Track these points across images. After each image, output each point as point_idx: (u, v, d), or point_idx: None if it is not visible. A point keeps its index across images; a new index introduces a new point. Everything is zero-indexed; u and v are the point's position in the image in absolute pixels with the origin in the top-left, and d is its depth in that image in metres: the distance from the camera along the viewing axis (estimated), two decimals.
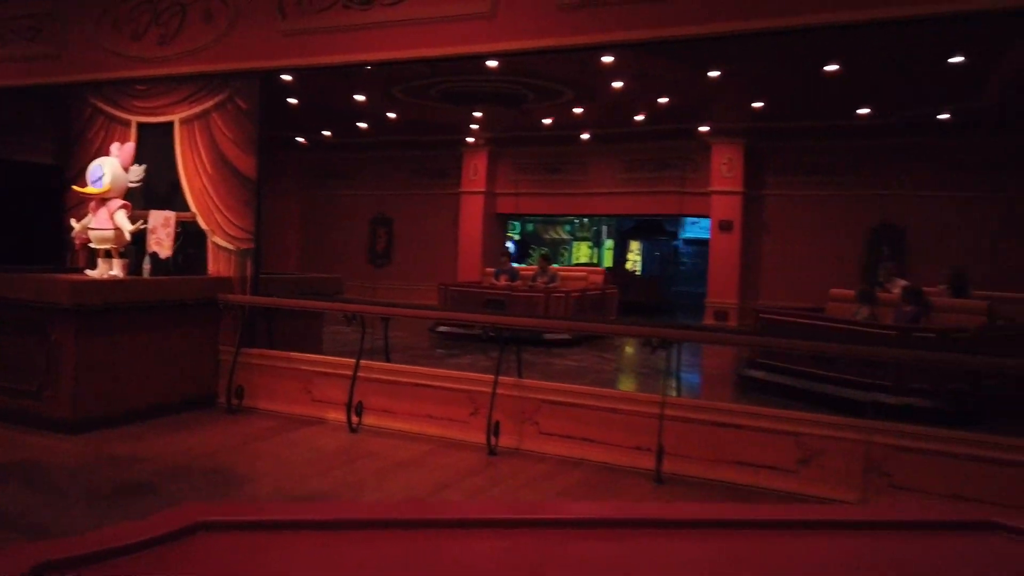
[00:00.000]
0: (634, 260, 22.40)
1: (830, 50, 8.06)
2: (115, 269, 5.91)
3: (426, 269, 16.69)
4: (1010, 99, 9.76)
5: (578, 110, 12.36)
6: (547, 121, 13.42)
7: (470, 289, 11.02)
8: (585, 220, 26.54)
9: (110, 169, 5.92)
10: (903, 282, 8.70)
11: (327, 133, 15.40)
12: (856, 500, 4.28)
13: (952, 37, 7.12)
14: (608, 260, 24.53)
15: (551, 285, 10.94)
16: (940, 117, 11.07)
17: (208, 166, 6.29)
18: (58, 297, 5.23)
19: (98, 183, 5.91)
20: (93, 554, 1.08)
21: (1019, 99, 9.84)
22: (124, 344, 5.58)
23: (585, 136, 14.76)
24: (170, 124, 6.48)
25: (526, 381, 5.48)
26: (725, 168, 14.44)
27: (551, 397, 5.31)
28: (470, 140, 15.99)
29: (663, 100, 11.49)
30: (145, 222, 6.06)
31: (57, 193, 7.22)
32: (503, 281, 11.32)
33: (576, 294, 10.74)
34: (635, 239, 21.99)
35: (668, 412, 4.82)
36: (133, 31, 6.52)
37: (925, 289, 7.51)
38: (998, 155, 12.06)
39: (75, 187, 6.10)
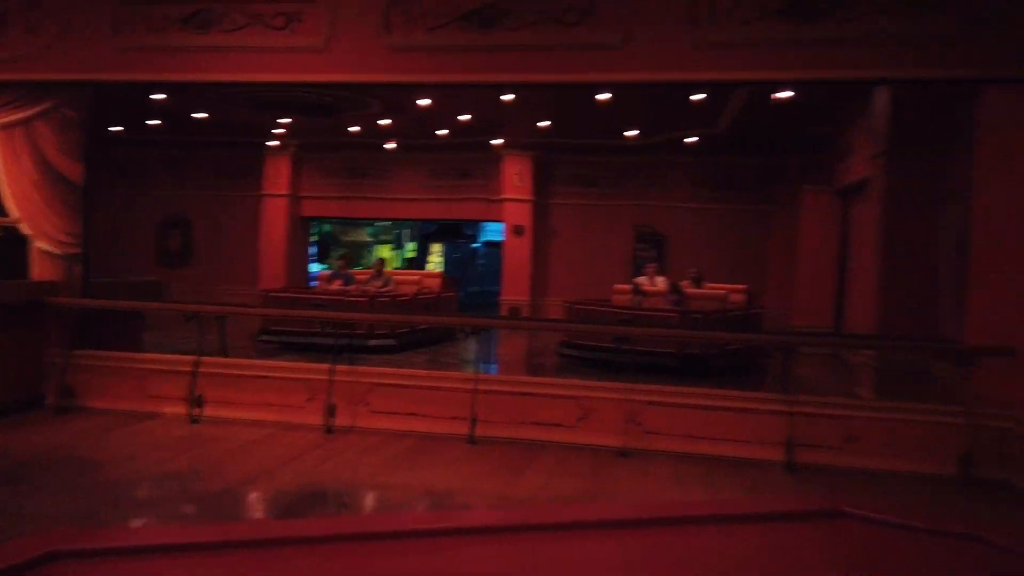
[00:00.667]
0: (435, 261, 23.56)
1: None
2: None
3: (225, 270, 16.66)
4: (738, 128, 12.13)
5: (385, 121, 13.19)
6: (354, 129, 14.07)
7: (299, 295, 10.52)
8: (387, 223, 27.26)
9: None
10: (663, 278, 10.93)
11: (118, 129, 14.78)
12: (620, 446, 5.65)
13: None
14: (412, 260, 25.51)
15: (384, 289, 10.85)
16: (687, 140, 13.33)
17: (33, 172, 6.39)
18: None
19: None
20: None
21: (743, 129, 12.25)
22: None
23: (391, 144, 15.59)
24: None
25: (359, 368, 6.33)
26: (517, 178, 16.01)
27: (381, 381, 6.21)
28: (272, 144, 16.16)
29: (464, 117, 12.68)
30: None
31: None
32: (336, 285, 11.14)
33: (406, 298, 10.65)
34: (437, 241, 23.16)
35: (480, 387, 5.93)
36: None
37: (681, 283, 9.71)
38: (731, 174, 14.88)
39: None
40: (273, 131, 14.67)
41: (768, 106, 9.61)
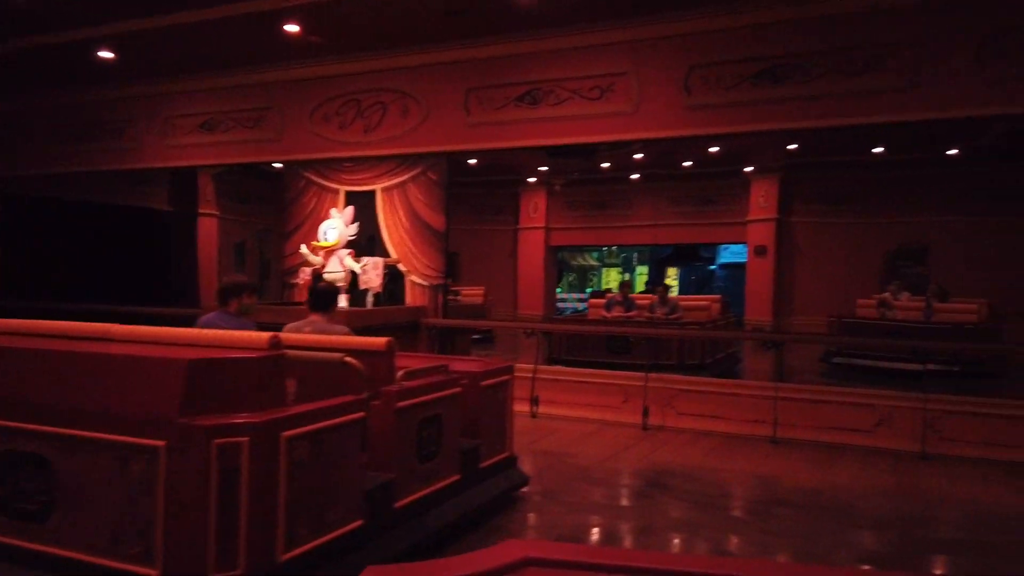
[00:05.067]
0: (671, 284, 24.40)
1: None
2: (342, 302, 7.93)
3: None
4: (1010, 136, 11.81)
5: (638, 156, 14.45)
6: (605, 164, 15.48)
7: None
8: (614, 248, 28.58)
9: (337, 227, 7.98)
10: (907, 294, 11.36)
11: None
12: (919, 450, 6.21)
13: None
14: (640, 285, 26.56)
15: (673, 316, 10.50)
16: (948, 153, 13.07)
17: (405, 221, 8.34)
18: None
19: (329, 237, 7.96)
20: None
21: (1016, 136, 11.88)
22: None
23: (635, 176, 16.84)
24: (372, 191, 8.54)
25: (666, 376, 7.49)
26: (762, 199, 16.51)
27: (686, 387, 7.31)
28: (531, 180, 18.05)
29: (713, 149, 13.58)
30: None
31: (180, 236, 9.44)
32: (617, 312, 10.78)
33: (705, 323, 10.62)
34: (672, 265, 24.00)
35: (780, 394, 6.81)
36: (340, 122, 8.61)
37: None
38: (999, 183, 14.23)
39: (313, 242, 8.12)
40: (538, 169, 16.50)
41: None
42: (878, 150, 13.80)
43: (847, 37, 6.52)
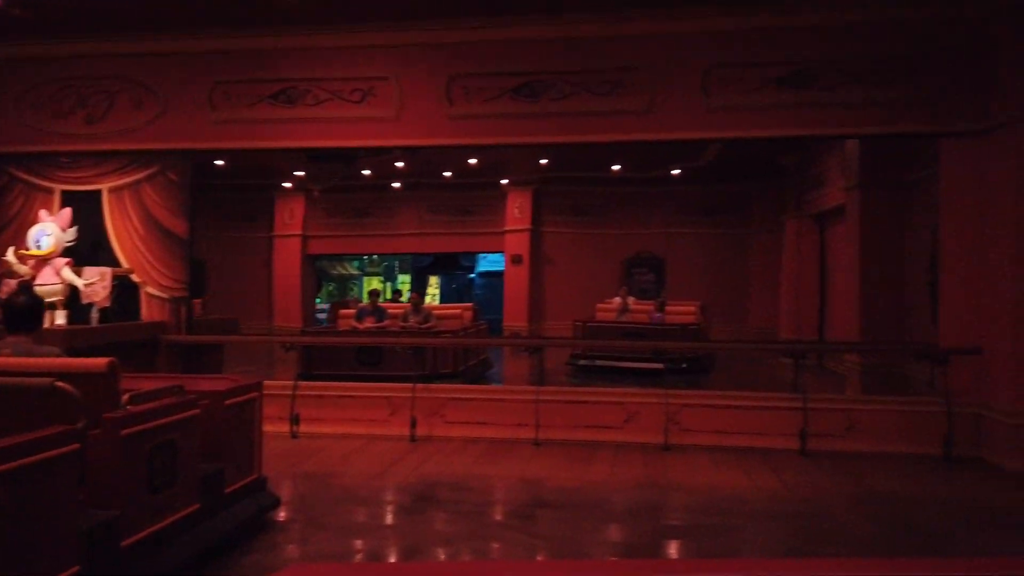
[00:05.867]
0: (432, 293, 24.61)
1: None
2: (59, 319, 6.82)
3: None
4: (721, 160, 13.53)
5: (399, 164, 14.35)
6: (366, 172, 15.16)
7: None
8: (375, 257, 28.27)
9: (52, 232, 6.84)
10: (633, 298, 12.51)
11: None
12: (662, 442, 6.76)
13: None
14: (388, 293, 26.50)
15: (426, 325, 10.33)
16: (673, 172, 14.65)
17: (139, 226, 7.39)
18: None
19: (42, 245, 6.80)
20: None
21: (726, 160, 13.63)
22: None
23: (396, 184, 16.74)
24: (97, 191, 7.46)
25: (433, 386, 7.39)
26: (517, 211, 17.25)
27: (453, 396, 7.28)
28: (286, 185, 17.17)
29: (472, 160, 13.90)
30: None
31: None
32: (368, 323, 10.46)
33: (457, 330, 10.39)
34: (433, 273, 24.23)
35: (541, 398, 7.04)
36: (55, 111, 7.42)
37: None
38: (715, 201, 16.27)
39: (22, 251, 6.88)
40: (295, 173, 15.69)
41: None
42: (616, 167, 15.11)
43: (595, 59, 6.95)
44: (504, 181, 16.38)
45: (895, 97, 6.56)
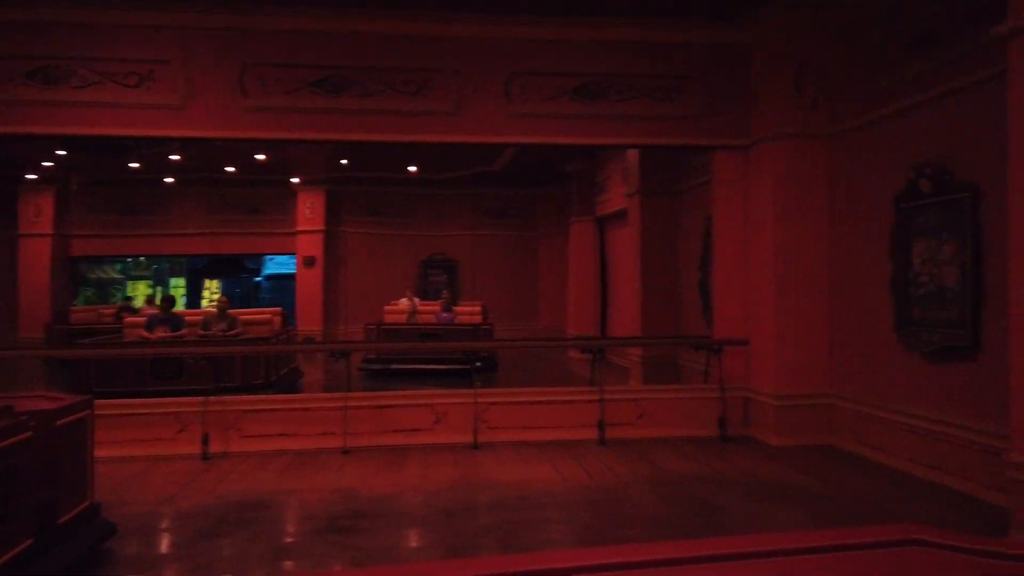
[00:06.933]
0: (213, 298, 22.87)
1: None
2: None
3: None
4: (512, 165, 14.02)
5: (175, 157, 13.16)
6: (134, 165, 13.75)
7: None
8: (142, 259, 25.72)
9: None
10: (417, 299, 12.52)
11: None
12: (471, 441, 6.84)
13: None
14: (179, 297, 24.36)
15: (232, 332, 9.55)
16: (464, 174, 14.95)
17: None
18: None
19: None
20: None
21: (517, 166, 14.14)
22: None
23: (170, 179, 15.36)
24: None
25: (227, 398, 6.85)
26: (308, 211, 16.60)
27: (252, 408, 6.80)
28: (31, 177, 15.11)
29: (260, 156, 13.12)
30: None
31: None
32: (161, 332, 9.36)
33: (268, 336, 9.84)
34: (212, 277, 22.55)
35: (349, 404, 6.80)
36: None
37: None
38: (506, 205, 16.85)
39: None
40: (43, 164, 13.77)
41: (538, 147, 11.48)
42: (413, 169, 15.08)
43: (402, 58, 6.86)
44: (295, 180, 15.68)
45: (675, 112, 7.19)
